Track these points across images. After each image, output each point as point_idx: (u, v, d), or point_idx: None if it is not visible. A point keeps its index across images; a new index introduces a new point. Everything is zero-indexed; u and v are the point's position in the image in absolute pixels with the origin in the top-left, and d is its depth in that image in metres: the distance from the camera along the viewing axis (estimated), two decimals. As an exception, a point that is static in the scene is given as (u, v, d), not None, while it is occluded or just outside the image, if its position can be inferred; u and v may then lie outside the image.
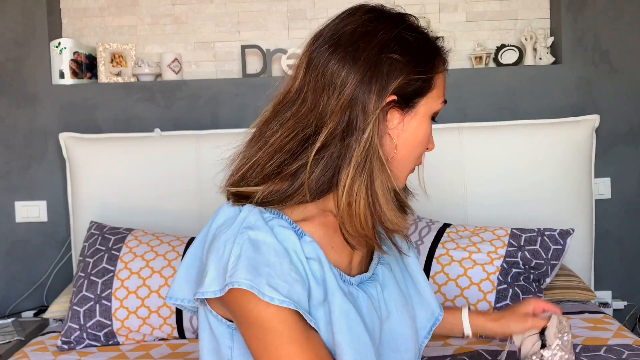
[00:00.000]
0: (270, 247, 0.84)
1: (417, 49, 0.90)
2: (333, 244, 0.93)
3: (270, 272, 0.82)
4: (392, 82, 0.87)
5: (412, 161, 0.95)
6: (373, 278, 0.98)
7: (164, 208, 2.20)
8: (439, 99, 0.94)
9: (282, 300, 0.81)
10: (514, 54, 2.41)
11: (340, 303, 0.88)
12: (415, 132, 0.92)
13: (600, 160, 2.36)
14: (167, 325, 1.84)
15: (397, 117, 0.90)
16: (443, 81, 0.95)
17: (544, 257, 1.89)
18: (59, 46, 2.35)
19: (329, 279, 0.89)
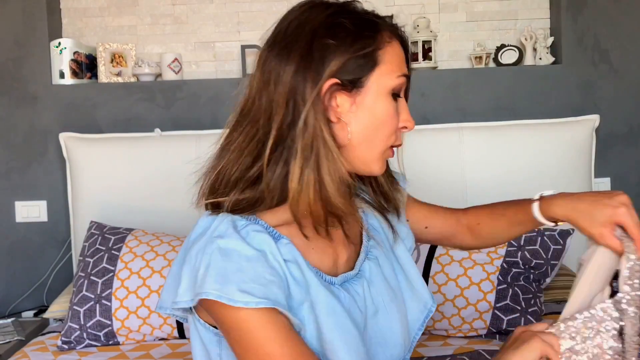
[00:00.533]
0: (241, 253, 0.84)
1: (353, 28, 0.88)
2: (313, 245, 0.93)
3: (242, 277, 0.82)
4: (327, 66, 0.87)
5: (380, 142, 0.91)
6: (359, 275, 0.97)
7: (164, 208, 2.20)
8: (392, 73, 0.90)
9: (258, 301, 0.80)
10: (514, 54, 2.41)
11: (326, 300, 0.88)
12: (372, 112, 0.89)
13: (600, 160, 2.36)
14: (167, 325, 1.84)
15: (346, 101, 0.88)
16: (395, 55, 0.91)
17: (544, 257, 1.89)
18: (59, 46, 2.35)
19: (309, 278, 0.89)
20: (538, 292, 1.84)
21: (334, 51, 0.87)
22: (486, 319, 1.78)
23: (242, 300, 0.80)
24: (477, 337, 1.80)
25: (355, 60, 0.88)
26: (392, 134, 0.92)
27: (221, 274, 0.82)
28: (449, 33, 2.51)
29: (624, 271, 0.89)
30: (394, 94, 0.91)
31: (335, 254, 0.97)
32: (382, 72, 0.90)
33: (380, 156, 0.92)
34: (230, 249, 0.84)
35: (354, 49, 0.88)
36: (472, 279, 1.81)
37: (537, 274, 1.88)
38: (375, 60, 0.89)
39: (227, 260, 0.83)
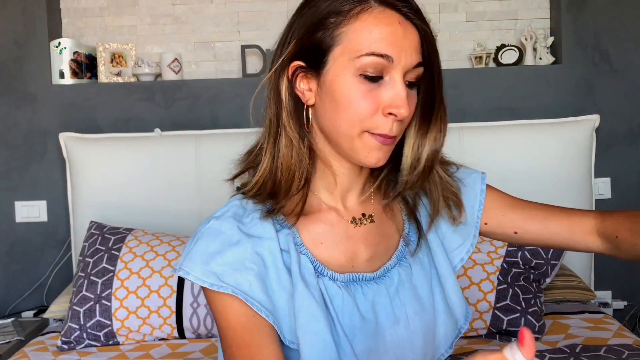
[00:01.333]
0: (227, 237, 0.88)
1: (317, 6, 0.86)
2: (324, 239, 0.93)
3: (218, 260, 0.86)
4: (286, 49, 0.88)
5: (347, 126, 0.85)
6: (379, 281, 0.93)
7: (164, 208, 2.20)
8: (356, 51, 0.82)
9: (221, 285, 0.85)
10: (514, 54, 2.41)
11: (301, 297, 0.87)
12: (331, 94, 0.84)
13: (600, 160, 2.36)
14: (167, 325, 1.84)
15: (314, 83, 0.87)
16: (363, 31, 0.82)
17: (544, 257, 1.89)
18: (59, 46, 2.35)
19: (294, 271, 0.88)
20: (538, 292, 1.84)
21: (295, 32, 0.88)
22: (486, 319, 1.78)
23: (208, 281, 0.85)
24: (477, 337, 1.80)
25: (312, 37, 0.85)
26: (365, 118, 0.83)
27: (201, 252, 0.87)
28: (449, 33, 2.51)
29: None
30: (367, 76, 0.83)
31: (352, 251, 0.94)
32: (345, 51, 0.83)
33: (357, 143, 0.85)
34: (219, 231, 0.88)
35: (311, 29, 0.86)
36: (472, 279, 1.81)
37: (537, 274, 1.88)
38: (332, 36, 0.84)
39: (211, 240, 0.88)
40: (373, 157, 0.86)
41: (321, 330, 0.86)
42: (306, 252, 0.91)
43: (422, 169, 0.90)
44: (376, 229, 0.96)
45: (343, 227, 0.94)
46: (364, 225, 0.95)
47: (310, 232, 0.92)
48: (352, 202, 0.96)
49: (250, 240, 0.88)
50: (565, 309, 1.95)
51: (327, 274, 0.91)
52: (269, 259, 0.88)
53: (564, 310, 1.93)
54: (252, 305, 0.85)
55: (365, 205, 0.97)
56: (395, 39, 0.82)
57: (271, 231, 0.89)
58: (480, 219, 1.01)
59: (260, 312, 0.85)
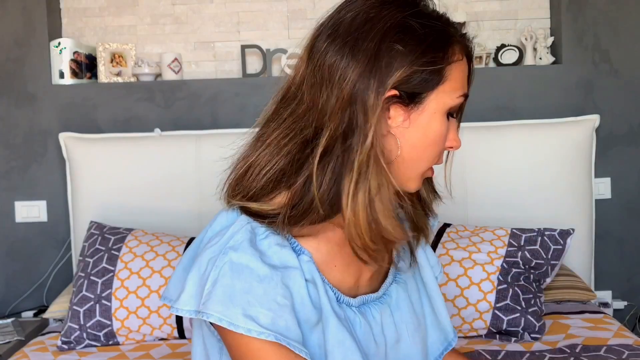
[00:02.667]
0: (254, 272, 0.78)
1: (424, 37, 0.79)
2: (337, 262, 0.87)
3: (249, 300, 0.76)
4: (392, 75, 0.78)
5: (425, 162, 0.85)
6: (382, 300, 0.91)
7: (164, 208, 2.20)
8: (454, 92, 0.83)
9: (261, 332, 0.75)
10: (514, 54, 2.41)
11: (335, 331, 0.82)
12: (425, 131, 0.82)
13: (600, 160, 2.36)
14: (167, 325, 1.84)
15: (401, 114, 0.81)
16: (461, 72, 0.84)
17: (544, 257, 1.89)
18: (58, 46, 2.35)
19: (324, 303, 0.83)
20: (538, 292, 1.83)
21: (401, 59, 0.79)
22: (486, 319, 1.77)
23: (244, 326, 0.75)
24: (477, 337, 1.80)
25: (421, 74, 0.80)
26: (439, 154, 0.86)
27: (227, 293, 0.76)
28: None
29: None
30: (449, 114, 0.84)
31: (359, 272, 0.90)
32: (445, 90, 0.82)
33: (421, 175, 0.86)
34: (243, 266, 0.78)
35: (422, 62, 0.79)
36: (472, 279, 1.81)
37: (537, 274, 1.88)
38: (441, 77, 0.81)
39: (236, 278, 0.77)
40: (419, 184, 0.88)
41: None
42: (324, 279, 0.85)
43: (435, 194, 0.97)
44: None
45: (347, 246, 0.86)
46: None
47: (321, 254, 0.85)
48: None
49: (277, 273, 0.79)
50: (565, 309, 1.94)
51: (343, 300, 0.86)
52: (296, 291, 0.81)
53: (564, 310, 1.93)
54: (294, 348, 0.77)
55: None
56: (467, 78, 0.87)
57: (294, 259, 0.81)
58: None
59: (301, 353, 0.78)
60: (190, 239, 1.98)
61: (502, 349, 1.70)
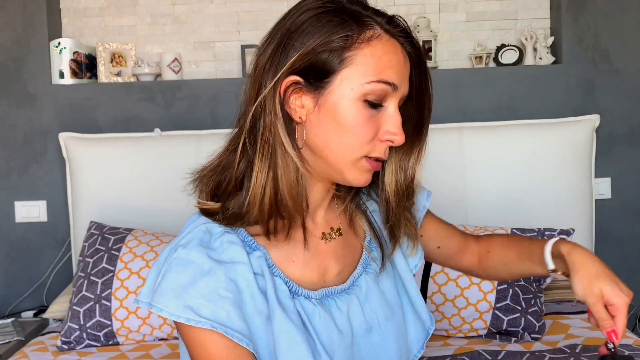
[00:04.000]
0: (198, 266, 0.83)
1: (326, 23, 0.81)
2: (295, 257, 0.91)
3: (191, 292, 0.82)
4: (285, 63, 0.82)
5: (347, 150, 0.83)
6: (349, 291, 0.93)
7: (164, 208, 2.20)
8: (362, 77, 0.81)
9: (198, 321, 0.81)
10: (514, 54, 2.41)
11: (280, 322, 0.84)
12: (334, 116, 0.82)
13: (600, 160, 2.36)
14: (166, 325, 1.84)
15: (311, 101, 0.83)
16: (375, 57, 0.82)
17: (544, 257, 1.88)
18: (58, 46, 2.35)
19: (270, 296, 0.86)
20: (538, 292, 1.83)
21: (299, 47, 0.81)
22: (486, 319, 1.78)
23: (184, 316, 0.81)
24: (477, 337, 1.80)
25: (318, 58, 0.81)
26: (365, 144, 0.84)
27: (172, 286, 0.83)
28: (449, 33, 2.51)
29: None
30: (370, 102, 0.83)
31: (323, 267, 0.93)
32: (350, 76, 0.81)
33: (352, 166, 0.85)
34: (188, 261, 0.84)
35: (319, 46, 0.81)
36: (472, 279, 1.81)
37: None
38: (342, 59, 0.81)
39: (181, 272, 0.83)
40: (363, 179, 0.87)
41: (303, 354, 0.85)
42: (279, 273, 0.89)
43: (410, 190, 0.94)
44: (343, 242, 0.97)
45: (313, 244, 0.93)
46: (334, 240, 0.95)
47: (280, 250, 0.90)
48: (320, 217, 0.95)
49: (222, 267, 0.84)
50: (565, 309, 1.94)
51: (301, 293, 0.90)
52: (244, 284, 0.85)
53: (564, 310, 1.93)
54: (233, 337, 0.82)
55: (331, 219, 0.97)
56: (400, 68, 0.84)
57: (243, 255, 0.86)
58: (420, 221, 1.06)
59: (241, 343, 0.82)
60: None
61: (502, 349, 1.70)
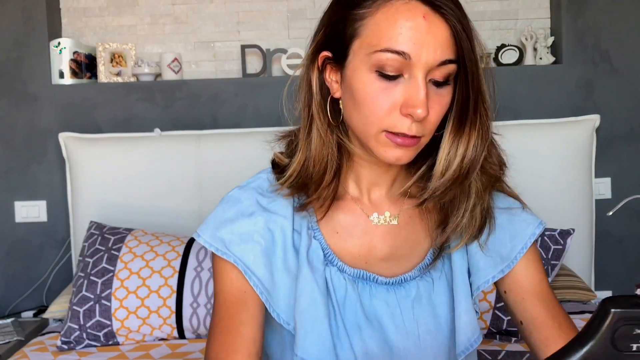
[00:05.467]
0: (243, 207, 0.89)
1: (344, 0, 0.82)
2: (340, 229, 0.91)
3: (229, 227, 0.88)
4: (315, 39, 0.85)
5: (366, 123, 0.80)
6: (392, 288, 0.90)
7: (164, 208, 2.20)
8: (370, 47, 0.77)
9: (224, 252, 0.87)
10: (514, 54, 2.41)
11: (304, 280, 0.86)
12: (351, 89, 0.81)
13: (600, 160, 2.35)
14: (167, 325, 1.84)
15: (338, 76, 0.84)
16: (381, 25, 0.77)
17: (544, 257, 1.88)
18: (58, 46, 2.35)
19: (302, 254, 0.88)
20: (538, 292, 1.83)
21: (323, 23, 0.85)
22: (486, 319, 1.77)
23: (215, 245, 0.87)
24: (477, 337, 1.80)
25: (336, 31, 0.82)
26: (382, 117, 0.79)
27: (215, 219, 0.90)
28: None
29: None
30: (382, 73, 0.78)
31: (367, 247, 0.91)
32: (361, 46, 0.79)
33: (375, 141, 0.81)
34: (236, 199, 0.90)
35: (335, 19, 0.82)
36: (472, 279, 1.81)
37: (537, 274, 1.87)
38: (355, 30, 0.79)
39: (227, 208, 0.90)
40: (391, 155, 0.81)
41: (319, 317, 0.85)
42: (320, 238, 0.90)
43: (453, 176, 0.82)
44: (399, 232, 0.92)
45: (362, 221, 0.91)
46: (385, 224, 0.91)
47: (328, 218, 0.91)
48: (377, 196, 0.92)
49: (264, 214, 0.88)
50: (566, 309, 1.94)
51: (336, 263, 0.89)
52: (279, 237, 0.88)
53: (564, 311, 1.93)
54: (250, 279, 0.86)
55: (395, 205, 0.92)
56: (415, 35, 0.76)
57: (288, 210, 0.89)
58: (517, 261, 0.90)
59: (256, 288, 0.86)
60: (191, 239, 1.98)
61: (502, 349, 1.70)
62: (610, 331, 0.58)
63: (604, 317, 0.58)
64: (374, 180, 0.91)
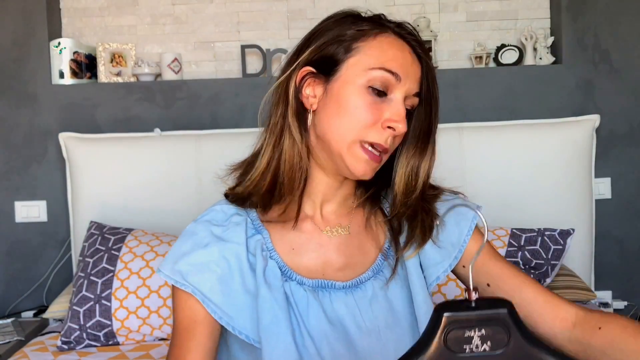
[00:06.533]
0: (198, 239, 0.93)
1: (338, 22, 0.92)
2: (296, 245, 0.96)
3: (186, 259, 0.92)
4: (302, 56, 0.92)
5: (346, 131, 0.89)
6: (351, 291, 0.94)
7: (164, 208, 2.20)
8: (367, 65, 0.89)
9: (183, 284, 0.91)
10: (514, 54, 2.41)
11: (263, 299, 0.90)
12: (338, 99, 0.90)
13: (600, 160, 2.35)
14: (167, 325, 1.84)
15: (321, 88, 0.92)
16: (381, 50, 0.90)
17: (544, 257, 1.88)
18: (58, 46, 2.35)
19: (258, 275, 0.92)
20: (538, 292, 1.83)
21: (314, 42, 0.92)
22: (486, 319, 1.77)
23: (173, 277, 0.91)
24: None
25: (329, 47, 0.91)
26: (363, 127, 0.89)
27: (174, 253, 0.94)
28: (449, 33, 2.51)
29: None
30: (374, 88, 0.89)
31: (323, 259, 0.96)
32: (355, 64, 0.90)
33: (348, 150, 0.90)
34: (193, 233, 0.95)
35: (330, 39, 0.91)
36: (472, 279, 1.81)
37: (537, 274, 1.87)
38: (349, 48, 0.90)
39: (184, 242, 0.94)
40: (360, 168, 0.90)
41: (282, 332, 0.88)
42: (276, 257, 0.94)
43: (415, 193, 0.95)
44: (351, 241, 0.98)
45: (316, 236, 0.97)
46: (338, 236, 0.98)
47: (283, 238, 0.96)
48: (329, 211, 0.99)
49: (219, 244, 0.93)
50: (565, 309, 1.94)
51: (295, 278, 0.94)
52: (235, 263, 0.92)
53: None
54: (208, 307, 0.90)
55: (344, 218, 1.00)
56: (404, 63, 0.90)
57: (241, 236, 0.94)
58: (466, 244, 0.98)
59: (214, 314, 0.90)
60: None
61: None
62: (443, 334, 0.62)
63: (437, 321, 0.63)
64: (327, 197, 0.98)
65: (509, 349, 0.63)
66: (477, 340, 0.63)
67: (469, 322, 0.62)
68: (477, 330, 0.62)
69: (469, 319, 0.63)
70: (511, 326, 0.63)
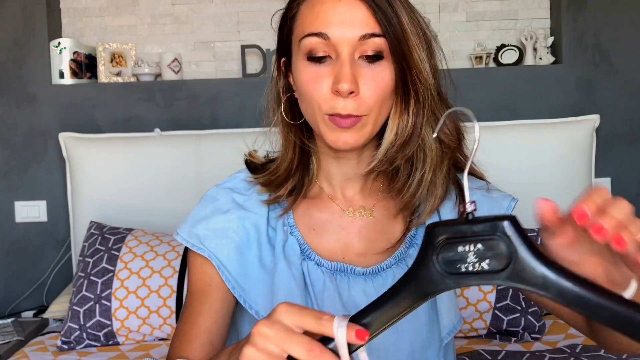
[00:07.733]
0: (218, 204, 0.92)
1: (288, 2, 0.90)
2: (316, 226, 0.93)
3: (205, 224, 0.91)
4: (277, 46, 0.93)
5: (311, 110, 0.84)
6: (370, 277, 0.90)
7: (164, 208, 2.20)
8: (300, 35, 0.84)
9: (199, 247, 0.89)
10: (514, 54, 2.41)
11: (281, 274, 0.88)
12: (296, 82, 0.87)
13: (600, 160, 2.36)
14: (167, 325, 1.84)
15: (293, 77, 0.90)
16: (306, 14, 0.83)
17: (544, 257, 1.89)
18: (58, 46, 2.35)
19: (277, 249, 0.90)
20: (538, 292, 1.83)
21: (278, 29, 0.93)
22: (486, 319, 1.78)
23: (190, 241, 0.91)
24: (477, 337, 1.80)
25: (282, 31, 0.90)
26: (322, 102, 0.82)
27: (193, 217, 0.93)
28: (449, 33, 2.51)
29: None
30: (311, 57, 0.82)
31: (344, 242, 0.93)
32: (295, 37, 0.86)
33: (322, 125, 0.84)
34: (214, 198, 0.93)
35: (281, 18, 0.90)
36: (472, 279, 1.81)
37: (537, 274, 1.88)
38: (291, 24, 0.88)
39: (204, 206, 0.93)
40: (338, 140, 0.83)
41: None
42: (297, 234, 0.92)
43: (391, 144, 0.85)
44: (375, 225, 0.94)
45: (337, 217, 0.94)
46: (360, 218, 0.93)
47: (305, 216, 0.94)
48: (352, 193, 0.94)
49: (239, 211, 0.91)
50: (565, 309, 1.94)
51: (313, 258, 0.91)
52: (253, 234, 0.91)
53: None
54: (223, 274, 0.88)
55: (370, 200, 0.95)
56: (330, 15, 0.80)
57: (263, 208, 0.92)
58: None
59: (228, 283, 0.88)
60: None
61: (502, 349, 1.70)
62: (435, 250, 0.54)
63: (429, 237, 0.56)
64: (345, 176, 0.93)
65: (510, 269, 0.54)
66: (472, 257, 0.55)
67: (462, 236, 0.54)
68: (472, 245, 0.54)
69: (462, 232, 0.53)
70: (513, 240, 0.53)
